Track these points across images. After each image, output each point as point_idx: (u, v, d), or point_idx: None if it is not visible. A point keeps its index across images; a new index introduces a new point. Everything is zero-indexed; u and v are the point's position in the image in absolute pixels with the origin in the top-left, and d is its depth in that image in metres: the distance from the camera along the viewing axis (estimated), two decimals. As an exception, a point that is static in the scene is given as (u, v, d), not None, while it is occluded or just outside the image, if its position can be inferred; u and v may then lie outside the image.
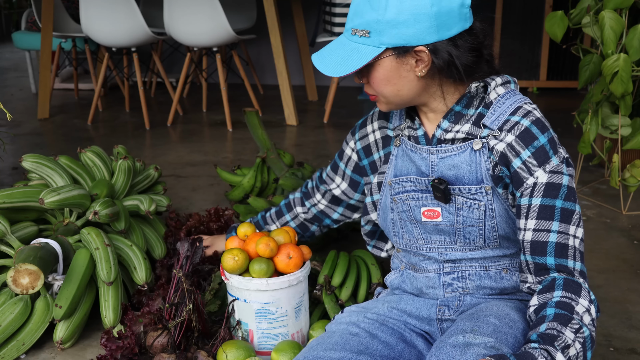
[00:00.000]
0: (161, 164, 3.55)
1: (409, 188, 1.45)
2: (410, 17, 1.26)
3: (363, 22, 1.29)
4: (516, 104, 1.36)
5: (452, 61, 1.31)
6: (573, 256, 1.29)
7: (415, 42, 1.28)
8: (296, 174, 2.48)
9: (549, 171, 1.30)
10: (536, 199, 1.30)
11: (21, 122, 4.60)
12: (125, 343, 1.75)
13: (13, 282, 1.76)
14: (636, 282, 2.24)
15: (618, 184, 2.71)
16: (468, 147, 1.37)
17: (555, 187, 1.30)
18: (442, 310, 1.47)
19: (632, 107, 2.90)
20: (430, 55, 1.30)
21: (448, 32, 1.29)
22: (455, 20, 1.29)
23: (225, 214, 2.37)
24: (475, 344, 1.21)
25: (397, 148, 1.51)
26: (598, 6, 2.68)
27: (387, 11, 1.26)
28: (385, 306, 1.52)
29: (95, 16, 4.21)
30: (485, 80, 1.38)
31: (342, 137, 4.12)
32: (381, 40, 1.28)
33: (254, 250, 1.74)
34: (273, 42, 4.27)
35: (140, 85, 4.40)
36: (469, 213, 1.38)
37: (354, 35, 1.32)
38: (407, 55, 1.30)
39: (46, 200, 1.97)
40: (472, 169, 1.37)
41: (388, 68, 1.32)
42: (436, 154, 1.41)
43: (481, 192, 1.36)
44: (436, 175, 1.41)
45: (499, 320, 1.30)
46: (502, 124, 1.34)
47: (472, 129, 1.37)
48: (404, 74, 1.33)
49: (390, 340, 1.43)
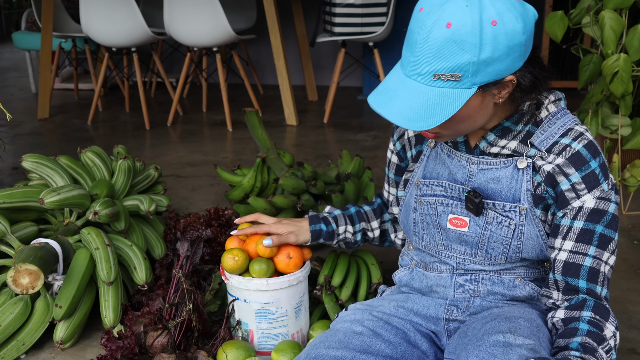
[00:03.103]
0: (161, 164, 3.55)
1: (439, 192, 1.43)
2: (505, 51, 1.17)
3: (452, 65, 1.17)
4: (567, 125, 1.32)
5: (537, 81, 1.25)
6: (602, 282, 1.30)
7: (507, 74, 1.21)
8: (296, 174, 2.48)
9: (598, 197, 1.28)
10: (579, 222, 1.29)
11: (21, 122, 4.60)
12: (125, 343, 1.75)
13: (13, 282, 1.76)
14: (636, 282, 2.24)
15: (618, 184, 2.71)
16: (512, 164, 1.34)
17: (601, 213, 1.28)
18: (450, 310, 1.46)
19: (632, 107, 2.90)
20: (517, 80, 1.23)
21: (528, 52, 1.23)
22: (532, 39, 1.24)
23: (225, 214, 2.37)
24: (516, 345, 1.19)
25: (430, 149, 1.47)
26: (598, 6, 2.68)
27: (482, 51, 1.16)
28: (391, 305, 1.51)
29: (95, 16, 4.21)
30: (539, 97, 1.34)
31: (342, 137, 4.12)
32: (474, 80, 1.19)
33: (254, 250, 1.74)
34: (273, 42, 4.27)
35: (140, 85, 4.40)
36: (498, 229, 1.36)
37: (436, 80, 1.19)
38: (493, 87, 1.23)
39: (46, 200, 1.97)
40: (512, 186, 1.34)
41: (473, 105, 1.23)
42: (477, 164, 1.37)
43: (515, 210, 1.34)
44: (473, 185, 1.38)
45: (529, 323, 1.30)
46: (550, 146, 1.31)
47: (519, 146, 1.34)
48: (485, 105, 1.25)
49: (393, 339, 1.43)
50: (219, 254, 2.15)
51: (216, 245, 2.17)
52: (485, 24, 1.15)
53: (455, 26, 1.15)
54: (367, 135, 4.14)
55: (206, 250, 2.11)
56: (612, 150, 3.02)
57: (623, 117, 2.74)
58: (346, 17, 4.31)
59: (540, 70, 1.27)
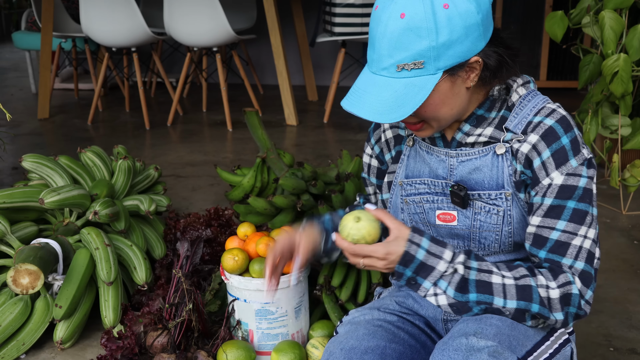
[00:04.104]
0: (161, 164, 3.55)
1: (423, 190, 1.43)
2: (462, 32, 1.20)
3: (412, 54, 1.20)
4: (539, 105, 1.33)
5: (503, 60, 1.27)
6: (575, 255, 1.28)
7: (470, 55, 1.23)
8: (296, 174, 2.48)
9: (566, 173, 1.28)
10: (548, 199, 1.29)
11: (21, 122, 4.60)
12: (125, 343, 1.75)
13: (13, 282, 1.76)
14: (636, 282, 2.24)
15: (618, 184, 2.71)
16: (490, 151, 1.35)
17: (570, 189, 1.28)
18: (448, 312, 1.46)
19: (632, 107, 2.90)
20: (482, 62, 1.25)
21: (489, 33, 1.25)
22: (491, 19, 1.26)
23: (225, 214, 2.37)
24: (477, 349, 1.20)
25: (409, 148, 1.47)
26: (598, 6, 2.68)
27: (439, 35, 1.18)
28: (394, 303, 1.52)
29: (95, 16, 4.21)
30: (507, 81, 1.35)
31: (342, 137, 4.12)
32: (437, 65, 1.21)
33: (254, 250, 1.74)
34: (273, 42, 4.27)
35: (140, 85, 4.40)
36: (487, 218, 1.36)
37: (400, 71, 1.22)
38: (459, 70, 1.25)
39: (46, 200, 1.97)
40: (494, 174, 1.35)
41: (443, 91, 1.25)
42: (456, 157, 1.38)
43: (501, 197, 1.34)
44: (455, 178, 1.38)
45: (502, 322, 1.29)
46: (525, 127, 1.32)
47: (495, 132, 1.35)
48: (457, 90, 1.27)
49: (412, 330, 1.43)
50: (219, 254, 2.15)
51: (216, 245, 2.17)
52: (437, 8, 1.18)
53: (408, 15, 1.19)
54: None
55: (206, 250, 2.10)
56: (612, 150, 3.02)
57: (623, 117, 2.74)
58: (346, 17, 4.31)
59: (505, 49, 1.28)
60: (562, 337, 1.32)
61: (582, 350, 1.84)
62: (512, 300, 1.25)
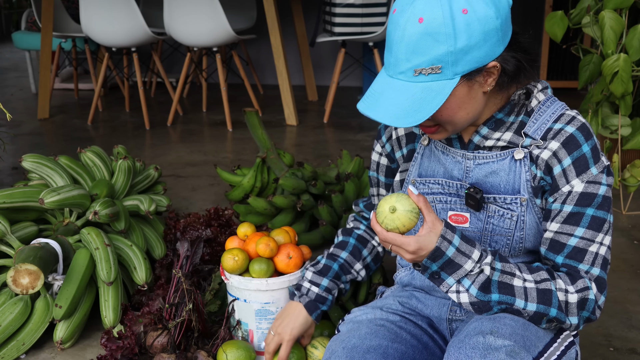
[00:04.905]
0: (161, 164, 3.55)
1: (436, 190, 1.42)
2: (481, 38, 1.19)
3: (430, 58, 1.19)
4: (558, 111, 1.33)
5: (521, 65, 1.27)
6: (592, 261, 1.29)
7: (488, 60, 1.22)
8: (296, 174, 2.48)
9: (587, 181, 1.28)
10: (567, 206, 1.29)
11: (21, 122, 4.60)
12: (125, 343, 1.75)
13: (13, 282, 1.76)
14: (636, 282, 2.24)
15: (618, 184, 2.71)
16: (508, 156, 1.34)
17: (590, 197, 1.28)
18: (453, 311, 1.46)
19: (632, 107, 2.90)
20: (500, 67, 1.25)
21: (507, 37, 1.25)
22: (509, 24, 1.25)
23: (225, 214, 2.37)
24: (495, 348, 1.19)
25: (423, 146, 1.47)
26: (598, 6, 2.68)
27: (457, 40, 1.18)
28: (397, 303, 1.51)
29: (95, 16, 4.21)
30: (527, 86, 1.35)
31: (342, 137, 4.12)
32: (455, 70, 1.20)
33: (254, 250, 1.74)
34: (273, 42, 4.27)
35: (140, 85, 4.40)
36: (500, 222, 1.36)
37: (418, 76, 1.21)
38: (477, 75, 1.24)
39: (46, 200, 1.97)
40: (510, 178, 1.34)
41: (460, 95, 1.24)
42: (473, 160, 1.38)
43: (516, 202, 1.34)
44: (471, 181, 1.38)
45: (515, 322, 1.29)
46: (545, 133, 1.32)
47: (514, 137, 1.34)
48: (474, 94, 1.27)
49: (414, 331, 1.43)
50: (219, 254, 2.15)
51: (216, 245, 2.17)
52: (456, 14, 1.17)
53: (427, 20, 1.18)
54: (367, 135, 4.14)
55: (206, 250, 2.10)
56: (612, 150, 3.02)
57: (623, 117, 2.74)
58: (346, 17, 4.31)
59: (523, 54, 1.28)
60: (567, 339, 1.32)
61: (582, 350, 1.84)
62: (532, 302, 1.25)
